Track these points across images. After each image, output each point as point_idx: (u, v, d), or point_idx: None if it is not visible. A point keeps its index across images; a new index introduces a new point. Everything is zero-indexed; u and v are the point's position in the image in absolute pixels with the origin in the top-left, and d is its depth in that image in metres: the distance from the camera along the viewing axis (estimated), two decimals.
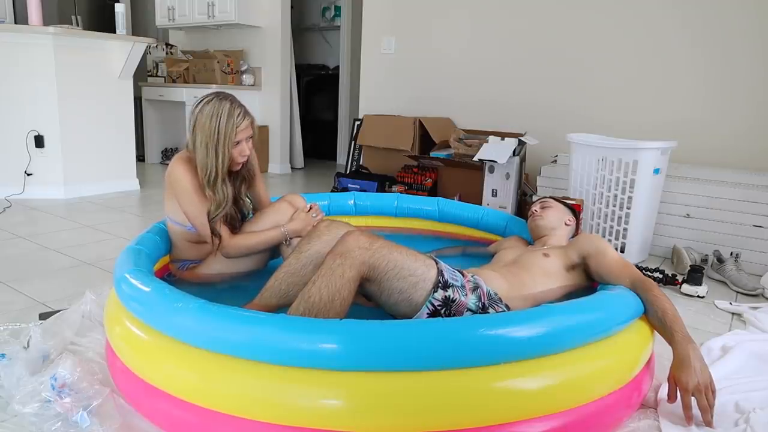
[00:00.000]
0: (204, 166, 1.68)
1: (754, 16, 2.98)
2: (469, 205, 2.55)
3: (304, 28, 6.69)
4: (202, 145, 1.67)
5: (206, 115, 1.66)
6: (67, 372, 1.24)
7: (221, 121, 1.64)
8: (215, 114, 1.65)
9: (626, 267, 1.55)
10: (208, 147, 1.66)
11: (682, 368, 1.27)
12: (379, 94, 4.43)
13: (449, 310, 1.40)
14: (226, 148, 1.66)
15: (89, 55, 3.73)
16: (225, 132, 1.64)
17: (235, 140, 1.67)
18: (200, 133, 1.66)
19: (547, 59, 3.65)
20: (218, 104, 1.66)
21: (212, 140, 1.65)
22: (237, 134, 1.67)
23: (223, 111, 1.65)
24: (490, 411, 1.12)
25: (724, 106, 3.11)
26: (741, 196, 2.62)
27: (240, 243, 1.79)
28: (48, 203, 3.51)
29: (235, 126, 1.66)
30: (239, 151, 1.71)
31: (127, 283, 1.36)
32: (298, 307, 1.33)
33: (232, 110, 1.66)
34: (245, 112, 1.70)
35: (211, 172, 1.68)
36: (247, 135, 1.72)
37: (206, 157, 1.67)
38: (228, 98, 1.69)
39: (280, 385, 1.10)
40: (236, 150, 1.70)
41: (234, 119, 1.66)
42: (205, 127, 1.65)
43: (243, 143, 1.72)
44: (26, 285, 2.10)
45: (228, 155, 1.68)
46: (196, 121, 1.68)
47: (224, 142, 1.65)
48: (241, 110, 1.69)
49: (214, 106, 1.66)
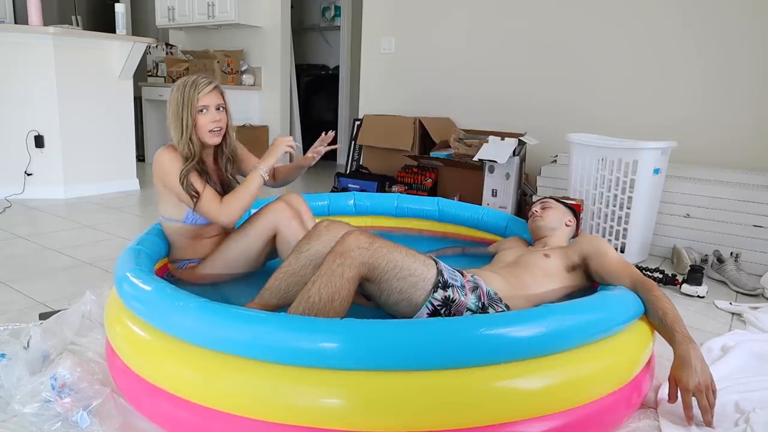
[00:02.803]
0: (177, 139, 1.73)
1: (753, 16, 2.98)
2: (469, 205, 2.55)
3: (304, 28, 6.69)
4: (171, 116, 1.72)
5: (174, 88, 1.72)
6: (67, 372, 1.24)
7: (186, 89, 1.70)
8: (181, 85, 1.72)
9: (627, 267, 1.55)
10: (175, 116, 1.71)
11: (683, 368, 1.27)
12: (379, 94, 4.43)
13: (449, 310, 1.40)
14: (190, 112, 1.70)
15: (89, 55, 3.73)
16: (188, 97, 1.69)
17: (198, 106, 1.70)
18: (170, 106, 1.72)
19: (547, 59, 3.65)
20: (186, 78, 1.73)
21: (178, 108, 1.70)
22: (200, 99, 1.70)
23: (188, 81, 1.71)
24: (490, 411, 1.12)
25: (724, 106, 3.11)
26: (741, 196, 2.62)
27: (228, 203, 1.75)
28: (48, 203, 3.51)
29: (197, 92, 1.70)
30: (209, 118, 1.73)
31: (129, 283, 1.37)
32: (297, 306, 1.33)
33: (197, 80, 1.72)
34: (211, 81, 1.75)
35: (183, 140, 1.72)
36: (214, 102, 1.74)
37: (176, 127, 1.72)
38: (200, 75, 1.77)
39: (280, 384, 1.10)
40: (205, 117, 1.72)
41: (198, 86, 1.70)
42: (172, 100, 1.72)
43: (212, 110, 1.73)
44: (26, 285, 2.10)
45: (192, 120, 1.71)
46: (169, 99, 1.74)
47: (189, 108, 1.70)
48: (206, 80, 1.73)
49: (183, 79, 1.73)
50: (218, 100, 1.75)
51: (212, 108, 1.73)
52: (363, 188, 3.76)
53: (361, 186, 3.78)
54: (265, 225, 1.84)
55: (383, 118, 4.04)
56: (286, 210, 1.84)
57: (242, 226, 1.88)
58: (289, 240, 1.79)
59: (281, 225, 1.83)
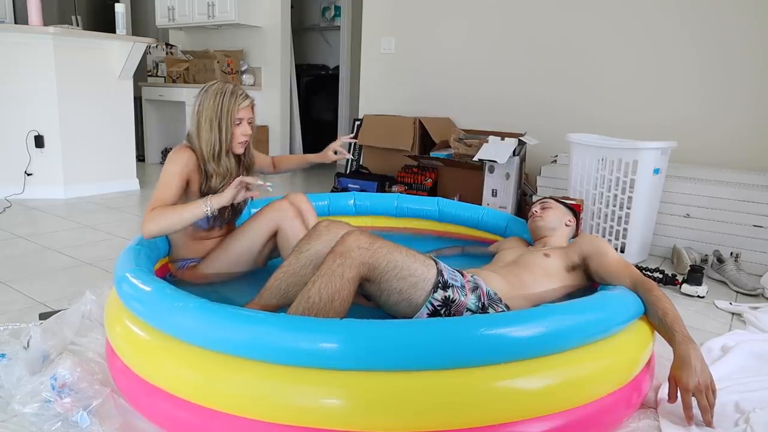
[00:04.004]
0: (209, 142, 1.75)
1: (753, 16, 2.98)
2: (469, 205, 2.55)
3: (304, 28, 6.69)
4: (206, 122, 1.74)
5: (211, 94, 1.75)
6: (67, 372, 1.24)
7: (225, 98, 1.74)
8: (219, 93, 1.74)
9: (627, 268, 1.55)
10: (212, 123, 1.74)
11: (683, 368, 1.27)
12: (379, 94, 4.43)
13: (449, 311, 1.40)
14: (229, 123, 1.75)
15: (89, 55, 3.73)
16: (228, 108, 1.74)
17: (237, 117, 1.76)
18: (205, 111, 1.74)
19: (547, 59, 3.65)
20: (222, 85, 1.76)
21: (216, 116, 1.74)
22: (239, 111, 1.76)
23: (227, 90, 1.75)
24: (490, 411, 1.12)
25: (724, 106, 3.11)
26: (741, 196, 2.62)
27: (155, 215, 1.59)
28: (48, 203, 3.51)
29: (237, 104, 1.75)
30: (241, 131, 1.79)
31: (128, 283, 1.37)
32: (297, 307, 1.33)
33: (234, 90, 1.77)
34: (247, 95, 1.81)
35: (215, 147, 1.76)
36: (248, 116, 1.80)
37: (210, 132, 1.74)
38: (230, 83, 1.81)
39: (280, 384, 1.10)
40: (238, 129, 1.78)
41: (237, 97, 1.76)
42: (210, 105, 1.74)
43: (245, 123, 1.79)
44: (26, 285, 2.10)
45: (231, 131, 1.76)
46: (201, 102, 1.76)
47: (227, 118, 1.74)
48: (243, 92, 1.79)
49: (218, 86, 1.76)
50: (251, 114, 1.82)
51: (245, 121, 1.79)
52: (363, 188, 3.76)
53: (361, 186, 3.78)
54: (266, 223, 1.84)
55: (383, 118, 4.04)
56: (289, 209, 1.85)
57: (244, 224, 1.88)
58: (290, 238, 1.79)
59: (283, 223, 1.83)
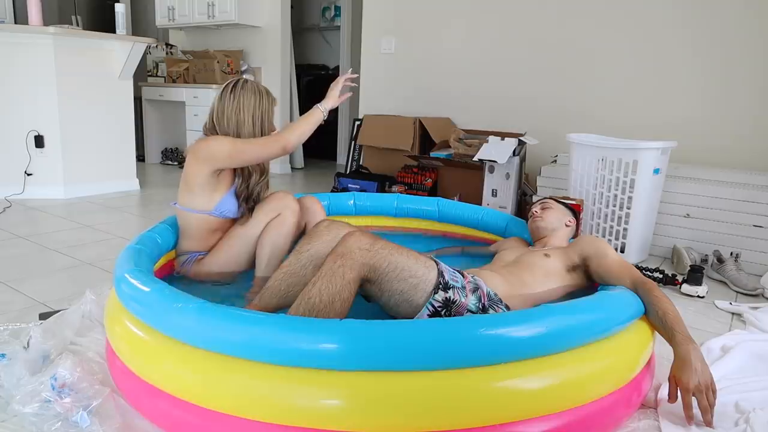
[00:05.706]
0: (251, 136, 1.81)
1: (753, 16, 2.98)
2: (469, 205, 2.55)
3: (304, 28, 6.69)
4: (250, 118, 1.81)
5: (250, 92, 1.82)
6: (67, 372, 1.24)
7: (264, 97, 1.84)
8: (257, 91, 1.83)
9: (627, 268, 1.55)
10: (254, 118, 1.82)
11: (683, 368, 1.27)
12: (379, 94, 4.43)
13: (450, 312, 1.40)
14: (269, 120, 1.86)
15: (89, 55, 3.73)
16: (268, 107, 1.86)
17: (272, 116, 1.88)
18: (248, 108, 1.81)
19: (548, 59, 3.65)
20: (255, 85, 1.84)
21: (258, 113, 1.83)
22: (273, 110, 1.88)
23: (263, 90, 1.85)
24: (490, 411, 1.12)
25: (724, 106, 3.11)
26: (741, 196, 2.62)
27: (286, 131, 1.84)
28: (48, 203, 3.51)
29: (273, 103, 1.88)
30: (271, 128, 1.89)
31: (127, 283, 1.36)
32: (298, 307, 1.32)
33: (266, 90, 1.87)
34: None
35: None
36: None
37: (253, 127, 1.82)
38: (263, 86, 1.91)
39: (280, 385, 1.10)
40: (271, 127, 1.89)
41: (271, 97, 1.88)
42: (253, 103, 1.82)
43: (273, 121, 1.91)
44: (26, 285, 2.10)
45: (269, 129, 1.86)
46: (239, 99, 1.80)
47: (268, 115, 1.86)
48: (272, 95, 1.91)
49: (253, 85, 1.84)
50: None
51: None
52: (363, 188, 3.76)
53: (361, 186, 3.78)
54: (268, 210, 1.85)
55: (383, 118, 4.04)
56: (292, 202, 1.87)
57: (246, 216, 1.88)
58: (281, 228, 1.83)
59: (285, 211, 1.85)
